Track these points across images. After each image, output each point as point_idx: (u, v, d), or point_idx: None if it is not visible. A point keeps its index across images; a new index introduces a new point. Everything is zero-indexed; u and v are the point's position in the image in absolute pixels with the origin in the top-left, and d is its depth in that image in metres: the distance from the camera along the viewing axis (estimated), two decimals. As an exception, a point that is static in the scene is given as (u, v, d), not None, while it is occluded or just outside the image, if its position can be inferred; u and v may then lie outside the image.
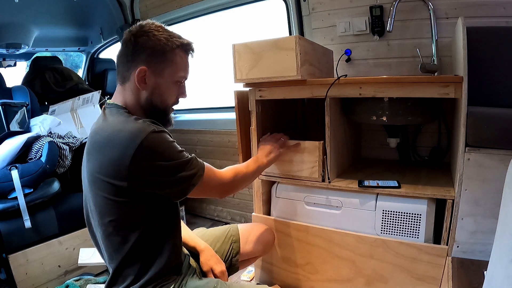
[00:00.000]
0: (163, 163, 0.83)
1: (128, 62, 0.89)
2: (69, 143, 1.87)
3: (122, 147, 0.80)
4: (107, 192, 0.83)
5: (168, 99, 0.94)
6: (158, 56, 0.88)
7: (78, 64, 3.48)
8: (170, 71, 0.90)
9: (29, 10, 2.43)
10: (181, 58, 0.92)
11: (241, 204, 2.32)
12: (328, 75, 1.59)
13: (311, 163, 1.33)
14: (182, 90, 0.97)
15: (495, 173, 1.05)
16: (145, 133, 0.81)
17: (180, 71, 0.92)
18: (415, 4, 1.54)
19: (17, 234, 1.52)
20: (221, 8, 2.33)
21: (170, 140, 0.87)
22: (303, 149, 1.33)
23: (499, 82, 1.32)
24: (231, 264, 1.22)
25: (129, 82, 0.90)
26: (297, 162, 1.36)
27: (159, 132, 0.84)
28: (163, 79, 0.90)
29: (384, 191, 1.25)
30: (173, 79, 0.92)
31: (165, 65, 0.89)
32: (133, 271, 0.88)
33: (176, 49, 0.90)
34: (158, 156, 0.82)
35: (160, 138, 0.84)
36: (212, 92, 2.72)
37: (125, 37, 0.89)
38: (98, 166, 0.84)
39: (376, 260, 1.27)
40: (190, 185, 0.89)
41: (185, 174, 0.87)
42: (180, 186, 0.88)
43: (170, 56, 0.89)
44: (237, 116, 1.45)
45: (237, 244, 1.25)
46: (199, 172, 0.91)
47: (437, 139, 1.61)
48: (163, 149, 0.84)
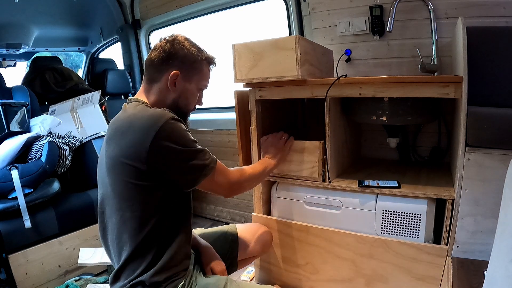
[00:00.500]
0: (180, 148, 0.88)
1: (162, 65, 0.97)
2: (69, 143, 1.87)
3: (144, 130, 0.86)
4: (128, 175, 0.88)
5: (191, 104, 1.03)
6: (190, 64, 0.98)
7: (78, 64, 3.48)
8: (197, 78, 1.01)
9: (29, 10, 2.43)
10: (206, 69, 1.03)
11: (241, 204, 2.32)
12: (328, 75, 1.59)
13: (311, 163, 1.33)
14: (200, 98, 1.07)
15: (495, 173, 1.05)
16: (166, 118, 0.87)
17: (204, 80, 1.04)
18: (415, 4, 1.54)
19: (17, 234, 1.52)
20: (221, 8, 2.33)
21: (186, 129, 0.92)
22: (303, 149, 1.33)
23: (499, 82, 1.32)
24: (230, 264, 1.22)
25: (158, 83, 0.98)
26: (297, 162, 1.36)
27: (177, 120, 0.90)
28: (191, 85, 1.00)
29: (384, 191, 1.25)
30: (198, 86, 1.02)
31: (194, 73, 0.99)
32: (145, 258, 0.89)
33: (204, 61, 1.01)
34: (175, 140, 0.87)
35: (178, 125, 0.90)
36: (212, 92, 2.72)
37: (160, 43, 0.98)
38: (119, 150, 0.89)
39: (376, 260, 1.27)
40: (201, 174, 0.93)
41: (198, 162, 0.91)
42: (192, 174, 0.92)
43: (199, 66, 1.00)
44: (237, 116, 1.45)
45: (235, 244, 1.25)
46: (211, 164, 0.95)
47: (437, 139, 1.61)
48: (180, 135, 0.89)
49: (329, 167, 1.32)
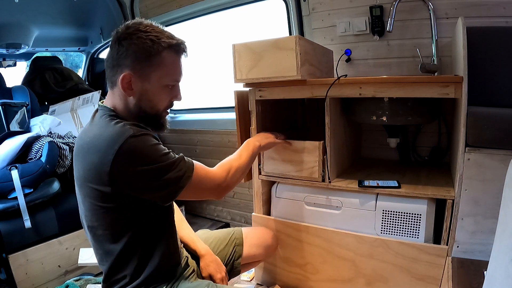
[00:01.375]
0: (145, 168, 0.79)
1: (114, 67, 0.85)
2: (69, 143, 1.87)
3: (101, 153, 0.78)
4: (93, 198, 0.83)
5: (158, 104, 0.89)
6: (143, 60, 0.82)
7: (78, 64, 3.48)
8: (157, 75, 0.85)
9: (29, 10, 2.42)
10: (170, 61, 0.86)
11: (241, 204, 2.32)
12: (328, 75, 1.59)
13: (311, 163, 1.32)
14: (175, 93, 0.92)
15: (495, 173, 1.05)
16: (124, 137, 0.77)
17: (168, 75, 0.87)
18: (415, 4, 1.54)
19: (17, 234, 1.52)
20: (221, 8, 2.33)
21: (152, 143, 0.82)
22: (303, 149, 1.33)
23: (499, 82, 1.32)
24: (232, 267, 1.22)
25: (116, 87, 0.86)
26: (296, 162, 1.36)
27: (139, 136, 0.80)
28: (150, 84, 0.85)
29: (384, 191, 1.25)
30: (161, 83, 0.86)
31: (151, 70, 0.84)
32: (125, 273, 0.88)
33: (163, 52, 0.84)
34: (139, 160, 0.79)
35: (140, 142, 0.79)
36: (212, 92, 2.72)
37: (112, 39, 0.85)
38: (82, 172, 0.83)
39: (376, 260, 1.27)
40: (177, 188, 0.84)
41: (170, 176, 0.83)
42: (167, 189, 0.84)
43: (157, 60, 0.83)
44: (237, 116, 1.45)
45: (240, 248, 1.24)
46: (186, 173, 0.85)
47: (437, 139, 1.61)
48: (144, 153, 0.79)
49: (329, 167, 1.32)
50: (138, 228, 0.87)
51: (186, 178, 0.86)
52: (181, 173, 0.85)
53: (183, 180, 0.85)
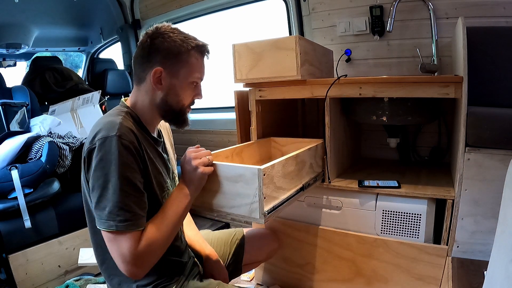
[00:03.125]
0: (97, 171, 0.77)
1: (144, 64, 0.89)
2: (69, 143, 1.87)
3: (88, 140, 0.81)
4: (85, 188, 0.85)
5: (183, 100, 0.93)
6: (173, 57, 0.88)
7: (78, 64, 3.48)
8: (185, 72, 0.90)
9: (29, 10, 2.43)
10: (196, 60, 0.91)
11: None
12: (328, 75, 1.59)
13: (249, 197, 0.89)
14: (198, 91, 0.96)
15: (495, 173, 1.05)
16: (107, 133, 0.78)
17: (195, 72, 0.92)
18: (415, 4, 1.55)
19: (17, 234, 1.52)
20: (221, 8, 2.33)
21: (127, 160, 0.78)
22: (238, 176, 0.90)
23: (499, 82, 1.32)
24: (234, 268, 1.22)
25: (144, 83, 0.90)
26: (230, 195, 0.93)
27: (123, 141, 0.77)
28: (178, 80, 0.90)
29: (384, 191, 1.25)
30: (188, 80, 0.91)
31: (180, 66, 0.89)
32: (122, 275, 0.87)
33: (191, 51, 0.89)
34: (100, 158, 0.76)
35: (118, 146, 0.77)
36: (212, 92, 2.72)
37: (141, 39, 0.90)
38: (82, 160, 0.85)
39: (376, 260, 1.27)
40: (99, 221, 0.77)
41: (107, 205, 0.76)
42: (96, 210, 0.78)
43: (185, 57, 0.89)
44: (237, 116, 1.45)
45: (241, 249, 1.24)
46: (113, 222, 0.75)
47: (437, 139, 1.61)
48: (111, 157, 0.76)
49: (329, 167, 1.32)
50: None
51: (109, 226, 0.76)
52: (111, 217, 0.76)
53: (105, 223, 0.76)
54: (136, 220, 0.78)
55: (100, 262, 0.92)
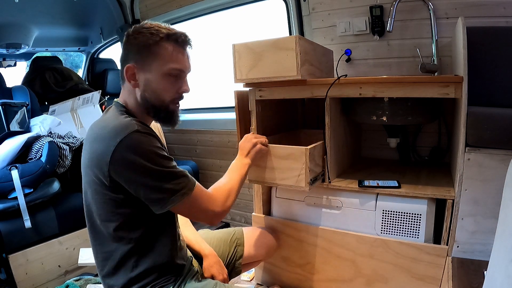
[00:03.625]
0: (144, 163, 0.79)
1: (122, 63, 0.90)
2: (69, 143, 1.87)
3: (105, 142, 0.80)
4: (94, 187, 0.85)
5: (162, 95, 0.89)
6: (144, 51, 0.86)
7: (78, 64, 3.48)
8: (158, 64, 0.87)
9: (29, 10, 2.43)
10: (168, 50, 0.87)
11: (241, 204, 2.32)
12: (328, 75, 1.59)
13: (297, 170, 1.18)
14: (181, 83, 0.91)
15: (495, 173, 1.05)
16: (128, 131, 0.79)
17: (168, 63, 0.87)
18: (415, 4, 1.54)
19: (17, 234, 1.52)
20: (221, 8, 2.33)
21: (157, 145, 0.83)
22: (288, 155, 1.19)
23: (499, 82, 1.32)
24: (234, 267, 1.22)
25: (125, 82, 0.90)
26: (281, 170, 1.21)
27: (144, 133, 0.81)
28: (151, 74, 0.87)
29: (384, 191, 1.25)
30: (161, 72, 0.87)
31: (151, 60, 0.86)
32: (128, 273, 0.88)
33: (161, 41, 0.86)
34: (139, 154, 0.79)
35: (144, 138, 0.81)
36: (212, 92, 2.72)
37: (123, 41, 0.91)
38: (87, 160, 0.85)
39: (376, 260, 1.27)
40: (169, 200, 0.83)
41: (166, 186, 0.82)
42: (158, 196, 0.82)
43: (156, 49, 0.86)
44: (237, 116, 1.45)
45: (241, 248, 1.25)
46: (183, 190, 0.84)
47: (437, 139, 1.61)
48: (145, 150, 0.80)
49: (329, 167, 1.32)
50: (140, 224, 0.87)
51: (181, 195, 0.84)
52: (178, 187, 0.83)
53: (177, 196, 0.83)
54: (192, 179, 0.88)
55: (100, 267, 0.92)
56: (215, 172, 2.41)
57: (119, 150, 0.78)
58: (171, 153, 2.63)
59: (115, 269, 0.89)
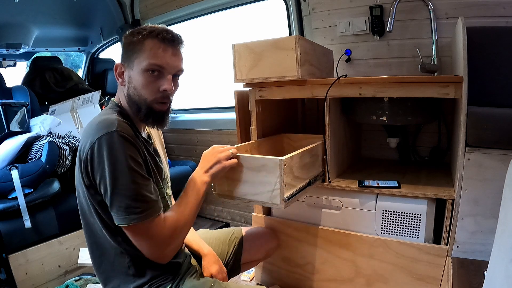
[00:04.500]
0: (108, 166, 0.77)
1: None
2: (69, 143, 1.87)
3: (86, 139, 0.80)
4: (81, 185, 0.84)
5: (142, 92, 0.86)
6: (130, 50, 0.87)
7: (78, 64, 3.48)
8: (138, 60, 0.86)
9: (29, 10, 2.43)
10: (150, 46, 0.85)
11: (241, 204, 2.32)
12: (328, 75, 1.59)
13: (270, 185, 0.99)
14: (162, 81, 0.87)
15: (495, 173, 1.05)
16: (108, 129, 0.78)
17: (148, 59, 0.85)
18: (415, 4, 1.55)
19: (17, 234, 1.52)
20: (221, 8, 2.33)
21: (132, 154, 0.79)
22: (261, 166, 1.00)
23: (499, 82, 1.32)
24: (233, 266, 1.22)
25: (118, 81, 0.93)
26: (253, 183, 1.02)
27: (123, 136, 0.78)
28: (132, 70, 0.87)
29: (384, 191, 1.25)
30: (140, 67, 0.86)
31: (134, 56, 0.87)
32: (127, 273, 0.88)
33: (144, 39, 0.86)
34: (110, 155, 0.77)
35: (120, 141, 0.78)
36: (212, 92, 2.72)
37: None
38: (77, 157, 0.85)
39: (376, 260, 1.27)
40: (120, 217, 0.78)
41: (123, 199, 0.77)
42: (113, 207, 0.78)
43: (139, 46, 0.86)
44: (237, 116, 1.45)
45: (240, 247, 1.24)
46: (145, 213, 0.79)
47: (437, 139, 1.61)
48: (116, 153, 0.77)
49: (329, 167, 1.32)
50: None
51: (135, 218, 0.78)
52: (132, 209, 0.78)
53: (128, 217, 0.78)
54: (154, 207, 0.81)
55: (97, 266, 0.92)
56: (215, 172, 2.41)
57: (95, 146, 0.78)
58: (171, 153, 2.63)
59: (111, 268, 0.89)
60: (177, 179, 1.63)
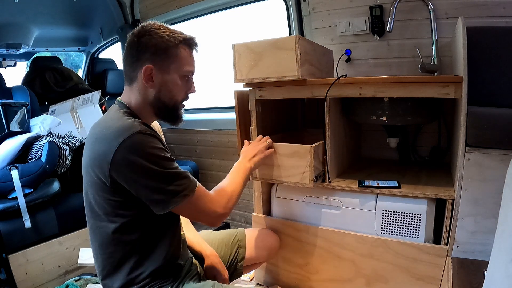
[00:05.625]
0: (146, 164, 0.80)
1: (134, 63, 0.90)
2: (69, 143, 1.87)
3: (107, 143, 0.81)
4: (94, 187, 0.85)
5: (176, 95, 0.93)
6: (163, 53, 0.88)
7: (78, 64, 3.48)
8: (175, 66, 0.90)
9: (29, 10, 2.43)
10: (185, 53, 0.92)
11: (241, 204, 2.31)
12: (328, 75, 1.59)
13: (302, 168, 1.23)
14: (190, 85, 0.96)
15: (495, 173, 1.05)
16: (131, 131, 0.80)
17: (185, 66, 0.92)
18: (415, 4, 1.55)
19: (17, 234, 1.52)
20: (221, 8, 2.33)
21: (159, 146, 0.84)
22: (293, 153, 1.24)
23: (499, 82, 1.32)
24: (235, 268, 1.22)
25: (136, 82, 0.91)
26: (287, 167, 1.26)
27: (147, 134, 0.83)
28: (169, 75, 0.90)
29: (384, 191, 1.25)
30: (179, 74, 0.92)
31: (170, 61, 0.89)
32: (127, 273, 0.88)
33: (180, 44, 0.90)
34: (141, 154, 0.80)
35: (146, 139, 0.82)
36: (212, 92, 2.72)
37: (128, 40, 0.90)
38: (88, 160, 0.86)
39: (376, 260, 1.27)
40: (171, 201, 0.84)
41: (167, 187, 0.83)
42: (159, 197, 0.83)
43: (174, 52, 0.89)
44: (237, 116, 1.45)
45: (243, 250, 1.24)
46: (184, 191, 0.85)
47: (437, 139, 1.61)
48: (148, 151, 0.81)
49: (329, 167, 1.32)
50: (140, 226, 0.87)
51: (183, 196, 0.85)
52: (180, 189, 0.85)
53: (179, 197, 0.84)
54: (193, 180, 0.89)
55: (100, 268, 0.92)
56: (215, 172, 2.41)
57: (121, 151, 0.79)
58: (171, 153, 2.62)
59: (115, 270, 0.89)
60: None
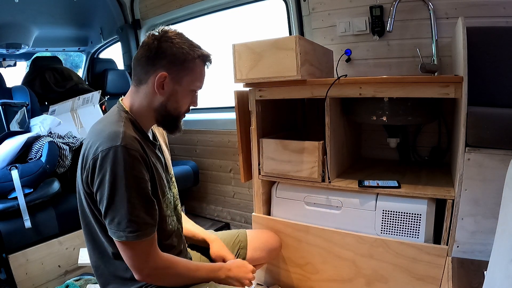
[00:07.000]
0: (108, 182, 0.78)
1: (148, 65, 0.88)
2: (69, 143, 1.87)
3: (92, 148, 0.81)
4: (81, 186, 0.86)
5: (181, 107, 0.94)
6: (179, 64, 0.88)
7: (78, 64, 3.48)
8: (188, 79, 0.91)
9: (29, 10, 2.43)
10: (199, 69, 0.92)
11: (241, 204, 2.31)
12: (328, 75, 1.59)
13: (311, 163, 1.32)
14: (195, 99, 0.98)
15: (495, 173, 1.05)
16: (114, 142, 0.79)
17: (197, 81, 0.93)
18: (415, 4, 1.54)
19: (17, 234, 1.52)
20: (221, 8, 2.33)
21: (137, 170, 0.80)
22: (303, 149, 1.32)
23: (499, 82, 1.32)
24: None
25: (145, 85, 0.90)
26: (296, 163, 1.35)
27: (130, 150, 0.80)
28: (180, 86, 0.90)
29: (384, 191, 1.25)
30: (189, 87, 0.92)
31: (185, 73, 0.90)
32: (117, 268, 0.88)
33: (197, 59, 0.90)
34: (114, 170, 0.78)
35: (127, 158, 0.79)
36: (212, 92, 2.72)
37: (147, 40, 0.89)
38: (79, 164, 0.86)
39: (376, 260, 1.27)
40: (114, 232, 0.80)
41: (115, 215, 0.79)
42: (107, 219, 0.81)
43: (191, 66, 0.90)
44: (237, 116, 1.45)
45: (244, 251, 1.25)
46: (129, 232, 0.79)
47: (437, 139, 1.61)
48: (118, 169, 0.78)
49: (329, 167, 1.32)
50: None
51: (125, 237, 0.80)
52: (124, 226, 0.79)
53: (121, 235, 0.80)
54: (146, 230, 0.81)
55: (95, 268, 0.93)
56: (215, 172, 2.41)
57: (98, 158, 0.79)
58: (171, 153, 2.62)
59: (109, 271, 0.89)
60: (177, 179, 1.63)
